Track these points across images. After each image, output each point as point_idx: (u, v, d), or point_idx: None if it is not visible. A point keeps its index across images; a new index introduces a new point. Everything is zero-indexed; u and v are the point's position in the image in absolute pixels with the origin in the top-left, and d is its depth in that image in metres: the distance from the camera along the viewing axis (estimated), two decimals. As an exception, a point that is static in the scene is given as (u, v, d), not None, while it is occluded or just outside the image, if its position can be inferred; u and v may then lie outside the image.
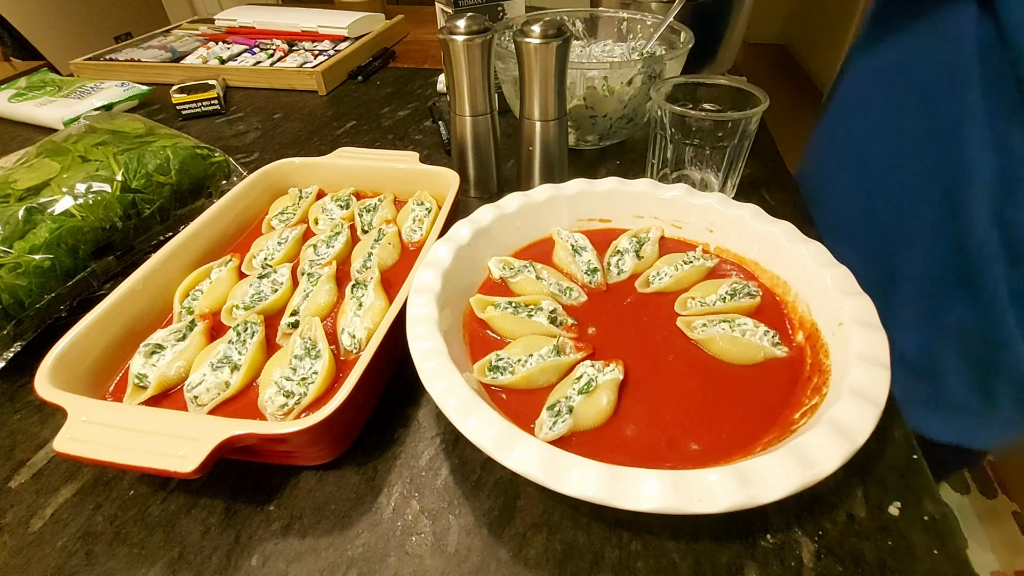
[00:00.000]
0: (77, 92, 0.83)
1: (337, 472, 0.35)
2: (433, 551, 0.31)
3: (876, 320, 0.34)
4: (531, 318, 0.39)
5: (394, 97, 0.90)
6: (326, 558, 0.31)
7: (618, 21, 0.76)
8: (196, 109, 0.83)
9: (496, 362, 0.36)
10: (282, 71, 0.92)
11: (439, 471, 0.35)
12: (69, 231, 0.45)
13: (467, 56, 0.53)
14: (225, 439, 0.29)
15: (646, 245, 0.46)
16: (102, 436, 0.30)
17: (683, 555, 0.30)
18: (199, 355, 0.37)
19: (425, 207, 0.52)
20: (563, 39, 0.50)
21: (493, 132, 0.59)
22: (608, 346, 0.39)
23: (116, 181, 0.50)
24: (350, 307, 0.40)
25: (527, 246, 0.47)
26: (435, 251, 0.41)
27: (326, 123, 0.81)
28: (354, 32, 1.05)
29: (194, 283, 0.44)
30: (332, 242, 0.48)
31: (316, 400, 0.35)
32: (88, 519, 0.33)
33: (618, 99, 0.64)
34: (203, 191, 0.58)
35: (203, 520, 0.33)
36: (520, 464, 0.27)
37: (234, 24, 1.11)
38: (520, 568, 0.30)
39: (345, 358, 0.38)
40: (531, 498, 0.33)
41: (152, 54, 1.00)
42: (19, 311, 0.41)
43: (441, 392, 0.31)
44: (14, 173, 0.49)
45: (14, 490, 0.34)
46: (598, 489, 0.26)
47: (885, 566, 0.30)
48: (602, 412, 0.33)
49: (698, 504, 0.25)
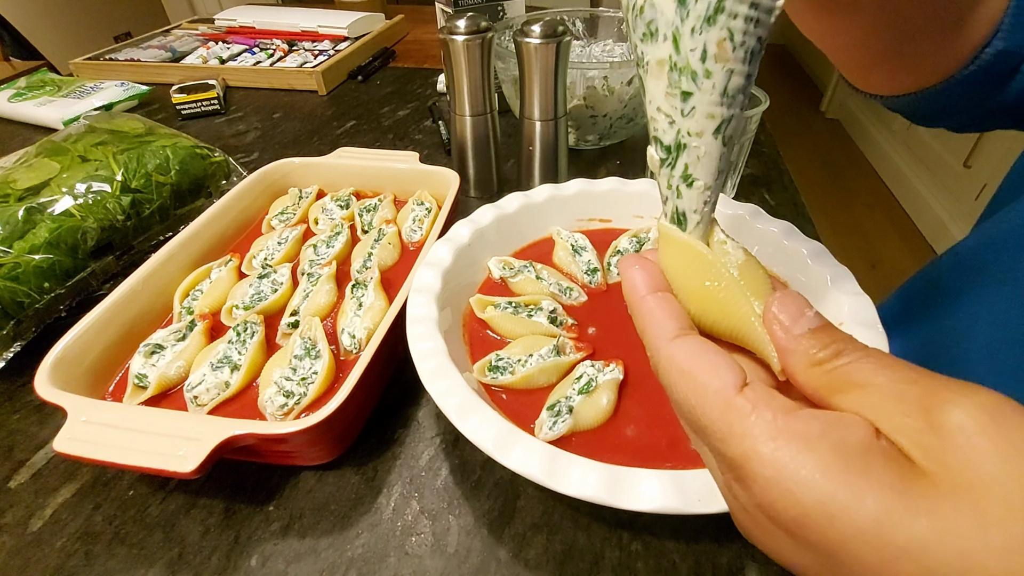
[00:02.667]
0: (77, 92, 0.83)
1: (337, 472, 0.35)
2: (433, 551, 0.31)
3: (876, 320, 0.34)
4: (531, 318, 0.39)
5: (394, 97, 0.90)
6: (326, 558, 0.31)
7: (618, 21, 0.76)
8: (196, 109, 0.83)
9: (496, 362, 0.36)
10: (282, 71, 0.92)
11: (439, 471, 0.35)
12: (69, 231, 0.45)
13: (467, 56, 0.53)
14: (225, 439, 0.29)
15: (646, 245, 0.46)
16: (102, 436, 0.30)
17: (683, 556, 0.30)
18: (199, 355, 0.37)
19: (425, 207, 0.52)
20: (563, 39, 0.50)
21: (493, 132, 0.59)
22: (608, 346, 0.38)
23: (116, 181, 0.50)
24: (350, 307, 0.40)
25: (527, 246, 0.47)
26: (435, 251, 0.41)
27: (326, 123, 0.81)
28: (354, 32, 1.05)
29: (194, 283, 0.44)
30: (332, 242, 0.48)
31: (316, 400, 0.35)
32: (87, 519, 0.33)
33: (618, 99, 0.64)
34: (203, 191, 0.58)
35: (203, 520, 0.32)
36: (520, 464, 0.27)
37: (234, 24, 1.11)
38: (520, 568, 0.30)
39: (345, 358, 0.38)
40: (531, 498, 0.33)
41: (152, 54, 1.00)
42: (19, 311, 0.41)
43: (441, 392, 0.31)
44: (14, 173, 0.49)
45: (13, 490, 0.34)
46: (598, 489, 0.26)
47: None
48: (602, 412, 0.33)
49: (698, 504, 0.25)
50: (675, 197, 0.22)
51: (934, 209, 2.04)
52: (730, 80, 0.19)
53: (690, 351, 0.19)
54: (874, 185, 2.42)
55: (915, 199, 2.18)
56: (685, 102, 0.20)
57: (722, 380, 0.17)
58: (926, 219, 2.10)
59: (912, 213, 2.19)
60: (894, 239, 2.10)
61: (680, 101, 0.20)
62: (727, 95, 0.19)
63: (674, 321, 0.20)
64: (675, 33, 0.19)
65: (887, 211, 2.25)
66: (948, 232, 1.94)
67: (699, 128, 0.20)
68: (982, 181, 1.77)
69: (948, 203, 1.98)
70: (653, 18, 0.19)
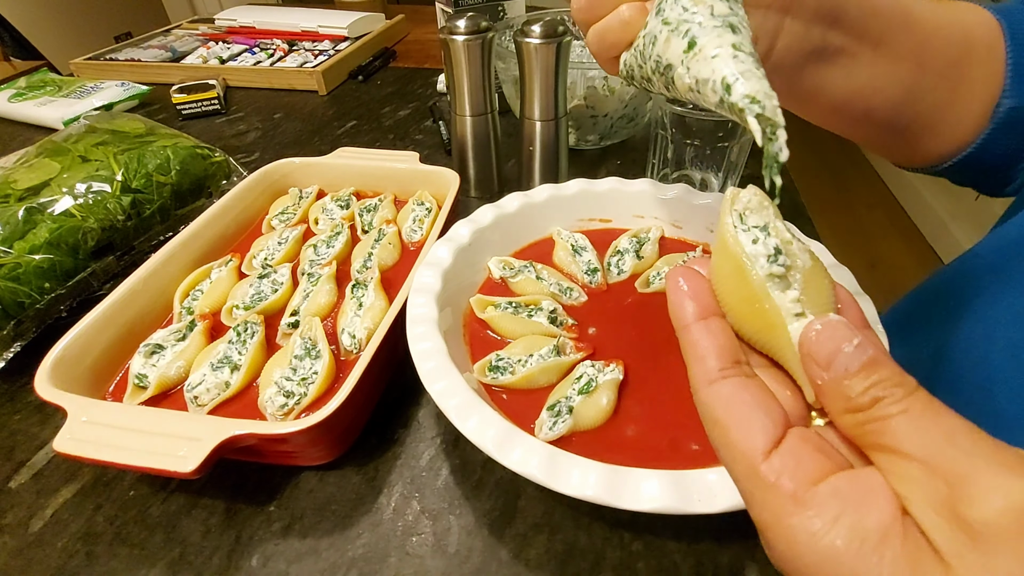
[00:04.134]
0: (77, 92, 0.83)
1: (338, 472, 0.35)
2: (434, 552, 0.31)
3: (876, 320, 0.34)
4: (531, 318, 0.39)
5: (394, 97, 0.90)
6: (327, 558, 0.31)
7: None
8: (196, 109, 0.83)
9: (496, 362, 0.36)
10: (282, 71, 0.92)
11: (439, 471, 0.35)
12: (69, 231, 0.45)
13: (467, 56, 0.53)
14: (225, 439, 0.29)
15: (646, 245, 0.46)
16: (102, 436, 0.30)
17: (684, 556, 0.30)
18: (199, 355, 0.37)
19: (425, 207, 0.52)
20: (563, 39, 0.50)
21: (493, 132, 0.59)
22: (608, 346, 0.38)
23: (116, 181, 0.50)
24: (350, 307, 0.40)
25: (527, 246, 0.47)
26: (435, 251, 0.41)
27: (326, 123, 0.81)
28: (354, 32, 1.05)
29: (194, 283, 0.44)
30: (332, 242, 0.48)
31: (316, 400, 0.35)
32: (88, 520, 0.33)
33: (618, 99, 0.64)
34: (203, 191, 0.58)
35: (204, 520, 0.33)
36: (520, 464, 0.27)
37: (234, 24, 1.11)
38: (521, 569, 0.30)
39: (345, 358, 0.38)
40: (532, 498, 0.33)
41: (152, 54, 1.00)
42: (19, 311, 0.41)
43: (441, 392, 0.31)
44: (14, 173, 0.49)
45: (14, 491, 0.34)
46: (598, 489, 0.26)
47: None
48: (602, 412, 0.33)
49: (698, 504, 0.25)
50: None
51: (934, 209, 2.04)
52: (713, 9, 0.25)
53: (727, 401, 0.18)
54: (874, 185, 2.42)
55: (915, 199, 2.18)
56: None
57: (751, 442, 0.17)
58: (926, 219, 2.10)
59: (912, 213, 2.19)
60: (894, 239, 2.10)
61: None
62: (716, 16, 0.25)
63: (716, 359, 0.19)
64: (663, 21, 0.26)
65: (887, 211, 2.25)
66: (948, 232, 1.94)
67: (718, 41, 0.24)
68: (982, 181, 1.77)
69: (948, 203, 1.98)
70: (651, 33, 0.27)
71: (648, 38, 0.27)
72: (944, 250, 1.96)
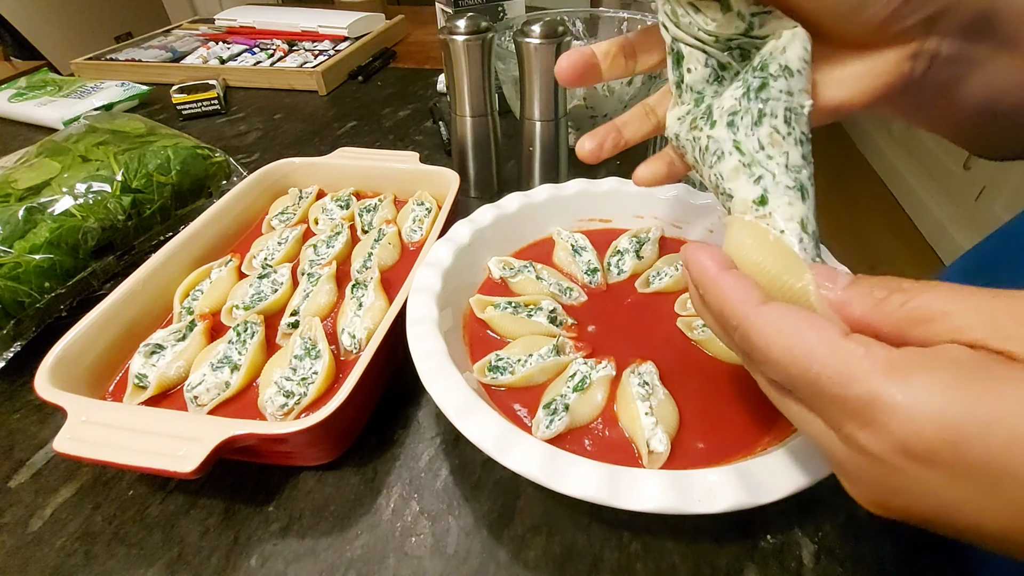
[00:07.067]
0: (77, 92, 0.83)
1: (337, 473, 0.35)
2: (432, 552, 0.31)
3: None
4: (531, 318, 0.39)
5: (395, 97, 0.90)
6: (325, 559, 0.31)
7: (618, 21, 0.76)
8: (196, 109, 0.83)
9: (496, 362, 0.36)
10: (282, 71, 0.92)
11: (439, 472, 0.35)
12: (69, 231, 0.45)
13: (467, 56, 0.53)
14: (225, 439, 0.29)
15: (646, 245, 0.46)
16: (102, 436, 0.30)
17: (683, 556, 0.30)
18: (199, 355, 0.37)
19: (425, 207, 0.52)
20: (563, 39, 0.50)
21: (493, 132, 0.59)
22: (608, 346, 0.38)
23: (116, 181, 0.50)
24: (350, 307, 0.40)
25: (527, 246, 0.47)
26: (435, 251, 0.41)
27: (327, 123, 0.81)
28: (354, 32, 1.05)
29: (194, 283, 0.44)
30: (332, 242, 0.48)
31: (316, 400, 0.35)
32: (87, 519, 0.33)
33: (618, 99, 0.64)
34: (203, 191, 0.58)
35: (202, 520, 0.32)
36: (520, 464, 0.27)
37: (234, 24, 1.11)
38: (519, 570, 0.30)
39: (345, 358, 0.38)
40: (531, 499, 0.33)
41: (152, 54, 1.00)
42: (19, 311, 0.41)
43: (441, 392, 0.31)
44: (14, 173, 0.49)
45: (13, 490, 0.34)
46: (598, 489, 0.26)
47: (885, 568, 0.30)
48: (598, 408, 0.34)
49: (698, 504, 0.25)
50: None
51: (934, 211, 2.04)
52: (788, 158, 0.24)
53: (785, 311, 0.19)
54: (874, 187, 2.42)
55: (915, 201, 2.18)
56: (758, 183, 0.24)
57: (826, 330, 0.18)
58: (926, 221, 2.10)
59: (912, 215, 2.19)
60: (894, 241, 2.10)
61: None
62: (790, 169, 0.24)
63: (756, 291, 0.20)
64: (735, 144, 0.25)
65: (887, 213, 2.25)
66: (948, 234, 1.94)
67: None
68: (981, 183, 1.77)
69: (948, 205, 1.98)
70: (718, 147, 0.25)
71: (714, 147, 0.25)
72: (943, 250, 1.96)
